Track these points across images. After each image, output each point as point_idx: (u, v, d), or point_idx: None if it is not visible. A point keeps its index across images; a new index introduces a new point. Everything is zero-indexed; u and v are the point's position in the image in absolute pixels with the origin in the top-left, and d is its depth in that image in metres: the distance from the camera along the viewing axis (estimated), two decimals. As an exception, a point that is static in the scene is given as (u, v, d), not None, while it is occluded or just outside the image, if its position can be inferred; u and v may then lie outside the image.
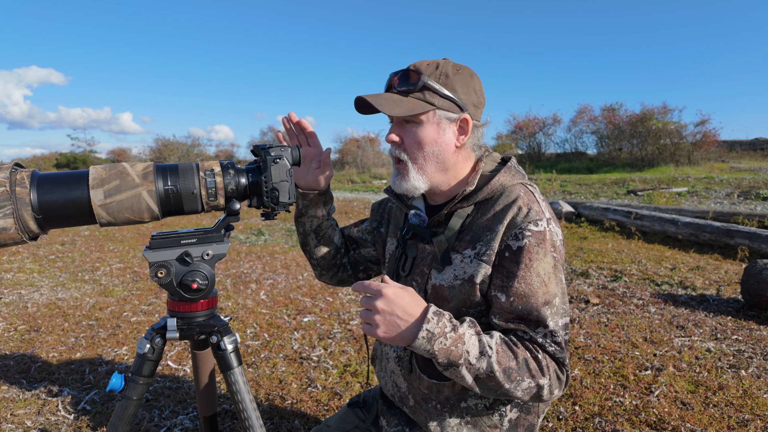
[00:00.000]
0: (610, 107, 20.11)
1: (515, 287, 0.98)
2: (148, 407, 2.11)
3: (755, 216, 5.96)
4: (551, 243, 1.01)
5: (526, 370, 0.94)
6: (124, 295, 3.79)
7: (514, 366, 0.94)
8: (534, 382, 0.95)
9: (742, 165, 14.78)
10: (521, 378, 0.94)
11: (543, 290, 0.98)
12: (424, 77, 1.04)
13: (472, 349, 0.92)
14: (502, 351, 0.94)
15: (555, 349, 0.98)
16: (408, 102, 1.04)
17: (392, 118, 1.11)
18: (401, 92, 1.06)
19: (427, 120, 1.06)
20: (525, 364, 0.95)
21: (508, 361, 0.94)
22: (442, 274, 1.08)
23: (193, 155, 27.82)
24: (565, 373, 0.99)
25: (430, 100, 1.05)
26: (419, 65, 1.07)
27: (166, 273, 0.96)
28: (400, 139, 1.09)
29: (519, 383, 0.94)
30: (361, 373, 2.41)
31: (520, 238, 1.00)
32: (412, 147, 1.08)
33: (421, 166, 1.09)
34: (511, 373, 0.93)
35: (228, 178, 0.97)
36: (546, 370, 0.96)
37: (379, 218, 1.36)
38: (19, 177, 0.84)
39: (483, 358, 0.92)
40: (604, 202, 8.94)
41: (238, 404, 1.04)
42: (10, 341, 2.87)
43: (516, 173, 1.11)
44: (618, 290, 3.78)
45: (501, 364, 0.92)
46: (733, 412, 1.99)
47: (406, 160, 1.09)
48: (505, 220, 1.02)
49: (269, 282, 4.18)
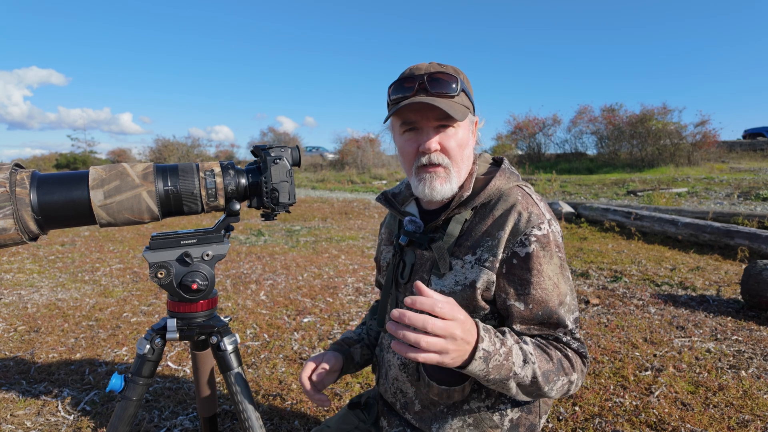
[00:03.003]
0: (610, 108, 20.09)
1: (532, 294, 1.00)
2: (148, 408, 2.11)
3: (755, 216, 5.95)
4: (555, 244, 1.03)
5: (561, 369, 0.98)
6: (124, 296, 3.79)
7: (552, 368, 0.96)
8: (566, 379, 0.98)
9: (742, 165, 14.77)
10: (557, 378, 0.97)
11: (556, 292, 1.01)
12: (460, 80, 1.04)
13: (517, 360, 0.92)
14: (539, 355, 0.96)
15: (578, 345, 1.03)
16: (457, 105, 1.03)
17: (421, 124, 1.05)
18: (444, 95, 1.03)
19: (463, 123, 1.06)
20: (560, 363, 0.98)
21: (546, 364, 0.96)
22: (443, 280, 1.07)
23: (193, 156, 27.80)
24: (587, 363, 1.05)
25: (466, 103, 1.06)
26: (445, 68, 1.06)
27: (166, 273, 0.96)
28: (439, 144, 1.06)
29: (555, 383, 0.97)
30: (361, 373, 2.41)
31: (527, 245, 1.00)
32: (454, 150, 1.05)
33: (458, 169, 1.08)
34: (549, 375, 0.96)
35: (228, 179, 0.97)
36: (575, 366, 1.00)
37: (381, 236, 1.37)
38: (19, 177, 0.84)
39: (527, 366, 0.93)
40: (604, 203, 8.93)
41: (238, 405, 1.04)
42: (10, 342, 2.87)
43: (511, 175, 1.11)
44: (618, 291, 3.78)
45: (541, 368, 0.95)
46: (733, 412, 1.99)
47: (448, 164, 1.06)
48: (507, 227, 1.02)
49: (269, 282, 4.18)
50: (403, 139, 1.09)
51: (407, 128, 1.07)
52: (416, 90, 1.03)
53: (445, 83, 1.02)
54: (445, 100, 1.01)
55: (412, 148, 1.07)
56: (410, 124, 1.06)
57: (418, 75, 1.03)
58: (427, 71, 1.03)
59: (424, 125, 1.05)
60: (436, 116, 1.03)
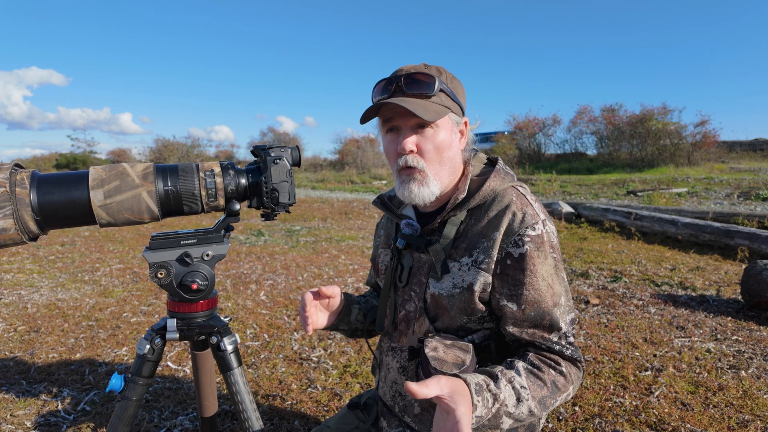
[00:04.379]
0: (610, 108, 20.11)
1: (525, 295, 0.99)
2: (147, 408, 2.11)
3: (755, 216, 5.96)
4: (550, 244, 1.02)
5: (556, 391, 0.97)
6: (124, 296, 3.79)
7: (547, 393, 0.95)
8: (563, 396, 0.98)
9: (741, 165, 14.78)
10: (554, 400, 0.96)
11: (550, 293, 1.00)
12: (439, 81, 1.02)
13: (510, 400, 0.90)
14: (532, 385, 0.94)
15: (571, 350, 1.01)
16: (432, 106, 1.01)
17: (399, 125, 1.05)
18: (419, 95, 1.01)
19: (443, 124, 1.04)
20: (554, 386, 0.97)
21: (540, 391, 0.95)
22: (441, 283, 1.07)
23: (193, 156, 27.82)
24: (582, 368, 1.02)
25: (446, 103, 1.04)
26: (427, 69, 1.05)
27: (165, 273, 0.96)
28: (416, 146, 1.04)
29: (552, 405, 0.96)
30: (361, 373, 2.41)
31: (521, 245, 1.00)
32: (430, 153, 1.04)
33: (437, 172, 1.05)
34: (545, 401, 0.95)
35: (228, 179, 0.97)
36: (569, 378, 0.99)
37: (377, 239, 1.36)
38: (19, 178, 0.84)
39: (521, 404, 0.92)
40: (604, 203, 8.94)
41: (238, 405, 1.04)
42: (10, 342, 2.87)
43: (505, 176, 1.10)
44: (618, 291, 3.78)
45: (536, 398, 0.93)
46: (733, 412, 1.99)
47: (424, 167, 1.04)
48: (501, 227, 1.02)
49: (269, 282, 4.18)
50: (386, 140, 1.09)
51: (388, 129, 1.07)
52: (393, 91, 1.03)
53: (421, 83, 1.01)
54: (418, 100, 1.00)
55: (392, 149, 1.06)
56: (389, 123, 1.06)
57: (397, 76, 1.04)
58: (407, 72, 1.03)
59: (402, 125, 1.04)
60: (412, 117, 1.01)
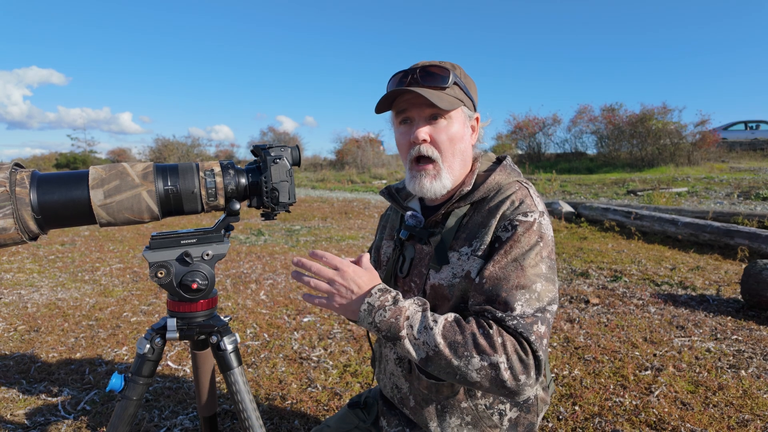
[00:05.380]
0: (610, 107, 20.08)
1: (489, 270, 0.98)
2: (148, 407, 2.11)
3: (755, 216, 5.96)
4: (538, 234, 0.99)
5: (472, 345, 0.88)
6: (124, 296, 3.79)
7: (460, 340, 0.89)
8: (486, 360, 0.87)
9: (741, 165, 14.77)
10: (469, 354, 0.88)
11: (517, 275, 0.95)
12: (453, 74, 1.05)
13: (415, 323, 0.91)
14: (449, 326, 0.91)
15: (516, 322, 0.90)
16: (446, 97, 1.04)
17: (413, 116, 1.07)
18: (434, 87, 1.04)
19: (456, 116, 1.06)
20: (472, 338, 0.89)
21: (453, 335, 0.90)
22: (440, 273, 1.08)
23: (193, 155, 27.79)
24: (531, 355, 0.89)
25: (459, 96, 1.06)
26: (441, 63, 1.07)
27: (166, 273, 0.96)
28: (429, 136, 1.06)
29: (469, 360, 0.88)
30: (361, 373, 2.41)
31: (509, 229, 1.00)
32: (444, 143, 1.05)
33: (450, 164, 1.07)
34: (457, 347, 0.88)
35: (228, 179, 0.97)
36: (500, 348, 0.88)
37: (381, 230, 1.37)
38: (19, 177, 0.84)
39: (426, 332, 0.90)
40: (604, 203, 8.94)
41: (238, 404, 1.04)
42: (10, 341, 2.87)
43: (511, 171, 1.11)
44: (618, 290, 3.78)
45: (446, 338, 0.89)
46: (733, 412, 1.99)
47: (437, 157, 1.06)
48: (497, 214, 1.03)
49: (269, 282, 4.18)
50: (399, 131, 1.11)
51: (402, 120, 1.09)
52: (408, 82, 1.05)
53: (436, 76, 1.04)
54: (433, 91, 1.03)
55: (405, 140, 1.08)
56: (403, 113, 1.08)
57: (413, 68, 1.06)
58: (423, 65, 1.06)
59: (415, 116, 1.07)
60: (426, 107, 1.04)
